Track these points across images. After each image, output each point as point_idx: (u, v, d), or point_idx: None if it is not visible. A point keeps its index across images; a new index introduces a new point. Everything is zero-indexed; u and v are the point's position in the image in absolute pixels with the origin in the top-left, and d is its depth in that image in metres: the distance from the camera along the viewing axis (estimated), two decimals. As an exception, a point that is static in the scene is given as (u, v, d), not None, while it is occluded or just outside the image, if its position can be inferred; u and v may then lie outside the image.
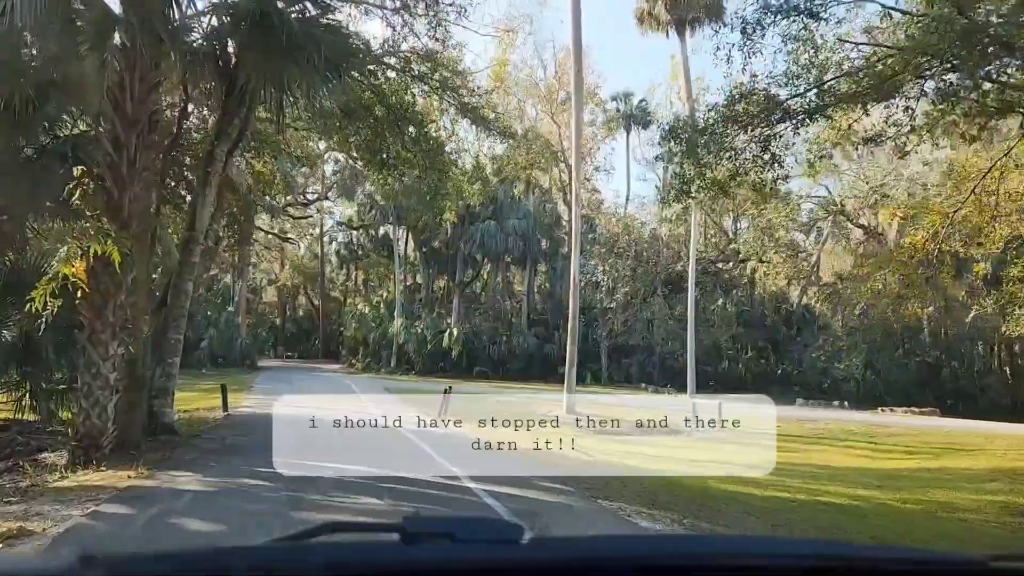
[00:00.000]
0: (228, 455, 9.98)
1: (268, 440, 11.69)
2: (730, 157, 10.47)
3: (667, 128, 11.15)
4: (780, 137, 10.30)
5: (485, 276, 55.58)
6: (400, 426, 15.59)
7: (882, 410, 28.16)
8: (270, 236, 68.31)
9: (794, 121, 9.82)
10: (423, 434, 14.02)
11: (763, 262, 39.00)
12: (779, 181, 10.97)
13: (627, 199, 50.69)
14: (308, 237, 69.29)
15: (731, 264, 41.82)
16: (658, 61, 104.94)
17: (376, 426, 15.71)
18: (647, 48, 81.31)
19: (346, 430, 14.04)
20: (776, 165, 10.62)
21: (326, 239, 64.71)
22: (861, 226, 41.55)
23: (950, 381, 36.05)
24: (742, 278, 45.38)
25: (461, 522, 1.28)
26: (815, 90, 9.63)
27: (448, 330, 44.55)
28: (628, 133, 51.30)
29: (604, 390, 37.52)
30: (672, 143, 11.09)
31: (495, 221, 44.85)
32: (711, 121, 10.38)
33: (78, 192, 9.20)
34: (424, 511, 6.37)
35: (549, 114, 44.52)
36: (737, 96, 10.10)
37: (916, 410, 27.17)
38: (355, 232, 58.91)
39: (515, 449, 13.32)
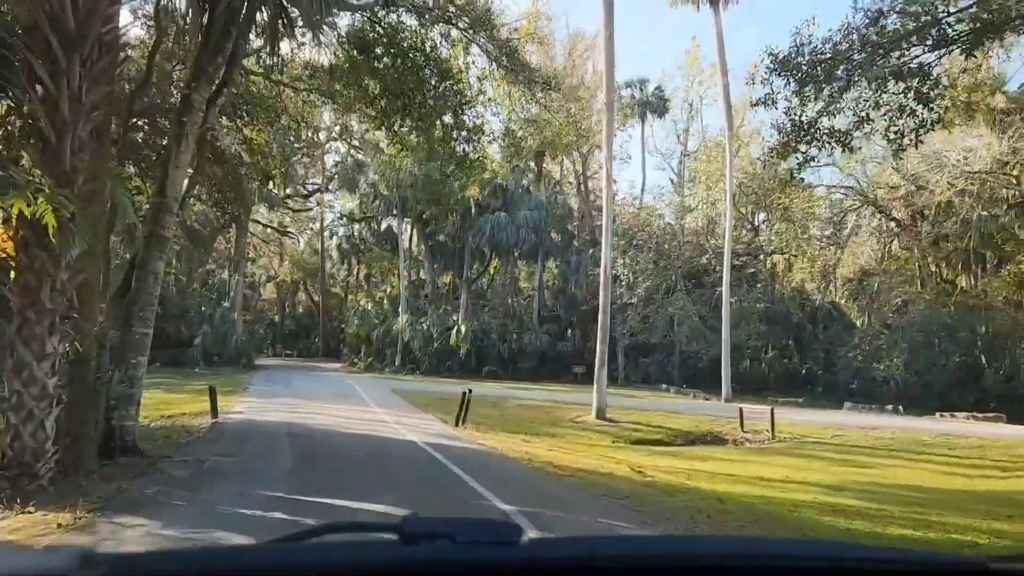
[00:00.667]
0: (206, 486, 7.60)
1: (259, 461, 9.32)
2: (872, 94, 8.07)
3: (779, 58, 8.65)
4: (933, 67, 7.95)
5: (492, 271, 53.23)
6: (417, 440, 13.25)
7: (940, 415, 25.75)
8: (269, 230, 66.04)
9: (961, 44, 7.43)
10: (449, 452, 11.62)
11: (795, 256, 36.61)
12: (924, 131, 8.58)
13: (643, 189, 48.32)
14: (308, 231, 66.96)
15: (760, 258, 39.38)
16: (670, 51, 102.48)
17: (385, 436, 13.38)
18: (652, 46, 78.78)
19: (356, 445, 11.68)
20: (926, 108, 8.21)
21: (326, 233, 62.33)
22: (894, 219, 39.19)
23: (993, 382, 33.62)
24: (762, 273, 42.99)
25: (460, 523, 1.20)
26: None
27: (455, 327, 42.18)
28: (643, 121, 48.88)
29: (623, 391, 35.14)
30: (782, 77, 8.61)
31: (505, 212, 42.46)
32: (842, 47, 7.96)
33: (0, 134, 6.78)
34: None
35: (561, 100, 42.03)
36: (874, 14, 7.67)
37: (979, 416, 24.76)
38: (357, 225, 56.58)
39: (571, 473, 10.92)
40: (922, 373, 33.01)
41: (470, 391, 17.32)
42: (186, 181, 9.48)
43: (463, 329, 41.65)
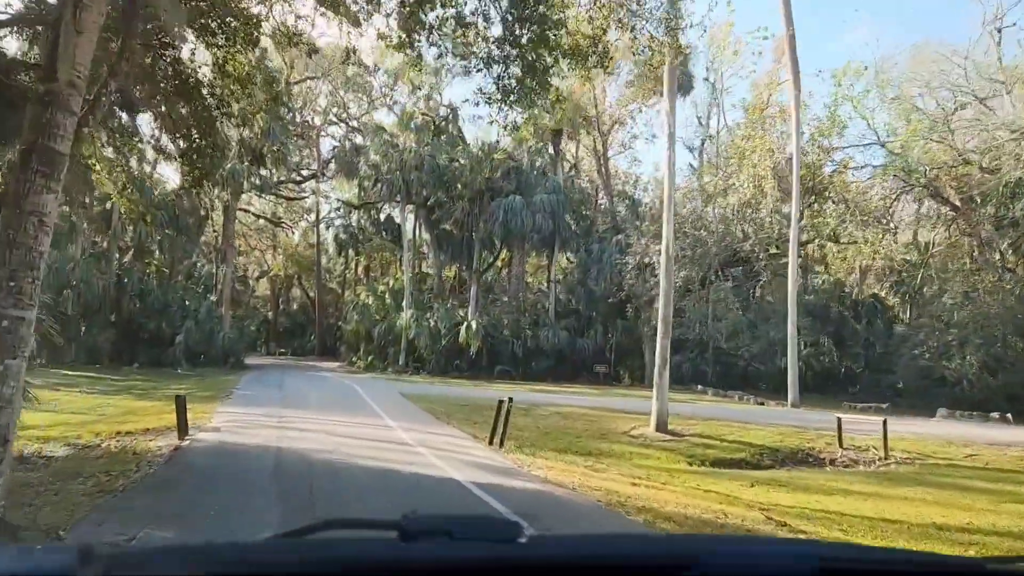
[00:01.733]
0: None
1: (221, 537, 5.46)
2: None
3: None
4: None
5: (500, 263, 49.45)
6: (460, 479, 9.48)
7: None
8: (261, 221, 62.15)
9: None
10: (511, 498, 7.85)
11: (853, 242, 32.85)
12: None
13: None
14: (303, 222, 63.09)
15: (809, 244, 35.64)
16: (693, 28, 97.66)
17: (415, 473, 9.61)
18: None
19: (378, 492, 7.89)
20: None
21: (322, 225, 58.45)
22: (949, 202, 35.49)
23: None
24: (801, 262, 39.20)
25: (460, 520, 1.22)
26: None
27: (465, 323, 38.40)
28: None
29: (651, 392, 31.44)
30: None
31: (520, 195, 38.63)
32: None
33: None
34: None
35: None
36: None
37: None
38: (356, 214, 52.80)
39: (695, 529, 7.17)
40: (993, 372, 29.35)
41: (510, 400, 13.53)
42: (91, 55, 5.60)
43: (474, 325, 37.87)
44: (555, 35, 7.97)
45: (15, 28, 8.21)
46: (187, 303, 37.35)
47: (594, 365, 38.65)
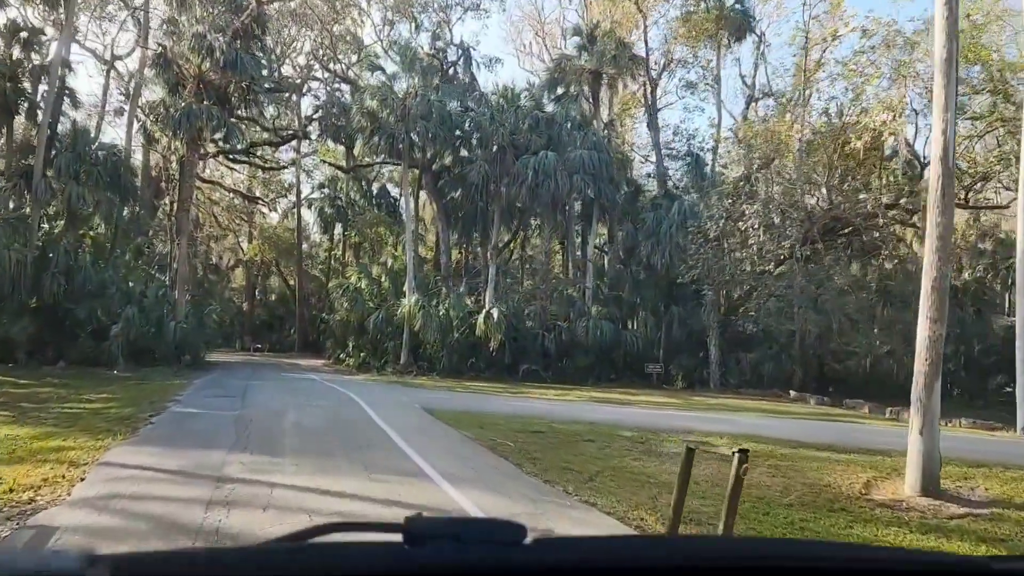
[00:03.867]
0: None
1: None
2: None
3: None
4: None
5: (515, 243, 41.82)
6: None
7: None
8: (236, 200, 54.11)
9: None
10: None
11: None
12: None
13: (719, 126, 36.78)
14: (283, 199, 54.96)
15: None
16: None
17: None
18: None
19: None
20: None
21: (304, 203, 50.46)
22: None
23: None
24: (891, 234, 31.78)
25: (466, 523, 1.20)
26: None
27: (484, 312, 30.68)
28: (719, 48, 37.61)
29: (745, 403, 23.95)
30: None
31: (553, 151, 30.90)
32: None
33: None
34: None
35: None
36: None
37: None
38: (345, 180, 44.82)
39: None
40: None
41: (745, 457, 5.84)
42: None
43: (495, 314, 30.14)
44: None
45: None
46: (131, 284, 29.24)
47: (645, 364, 31.10)
